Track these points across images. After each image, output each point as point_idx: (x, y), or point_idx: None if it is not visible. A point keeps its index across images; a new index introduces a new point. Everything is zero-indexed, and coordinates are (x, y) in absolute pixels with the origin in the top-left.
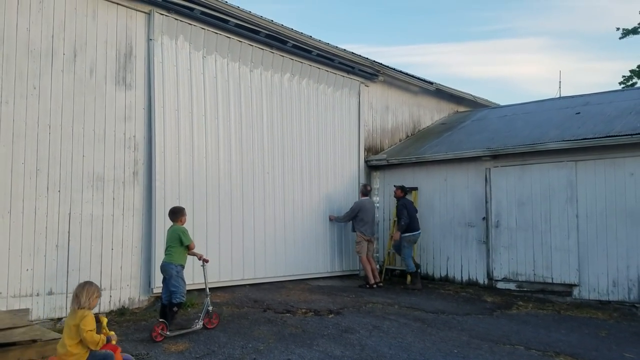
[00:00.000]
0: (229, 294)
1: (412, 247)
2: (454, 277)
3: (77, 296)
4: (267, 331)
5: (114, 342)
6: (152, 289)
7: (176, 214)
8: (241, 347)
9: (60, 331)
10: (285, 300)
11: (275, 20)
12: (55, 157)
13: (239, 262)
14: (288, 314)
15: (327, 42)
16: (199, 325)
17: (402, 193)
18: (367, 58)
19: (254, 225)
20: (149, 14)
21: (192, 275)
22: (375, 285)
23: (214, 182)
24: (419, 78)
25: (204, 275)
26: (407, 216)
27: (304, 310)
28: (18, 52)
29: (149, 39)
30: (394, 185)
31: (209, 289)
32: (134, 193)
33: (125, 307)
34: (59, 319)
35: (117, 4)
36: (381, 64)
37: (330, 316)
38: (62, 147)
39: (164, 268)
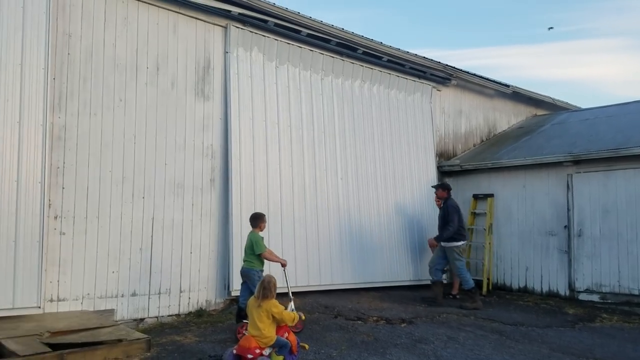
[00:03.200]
0: (299, 299)
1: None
2: (533, 288)
3: (264, 289)
4: (339, 337)
5: (303, 317)
6: (230, 291)
7: (256, 219)
8: (314, 352)
9: (143, 331)
10: (355, 307)
11: (345, 29)
12: (140, 166)
13: (309, 268)
14: (359, 321)
15: (398, 47)
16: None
17: (446, 193)
18: (438, 62)
19: (328, 231)
20: (225, 27)
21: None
22: (458, 296)
23: (288, 188)
24: (493, 81)
25: (286, 280)
26: (457, 221)
27: (375, 318)
28: (105, 67)
29: (225, 52)
30: (432, 186)
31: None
32: (211, 199)
33: (203, 308)
34: (142, 320)
35: (197, 19)
36: (454, 67)
37: (402, 325)
38: (146, 156)
39: (245, 273)
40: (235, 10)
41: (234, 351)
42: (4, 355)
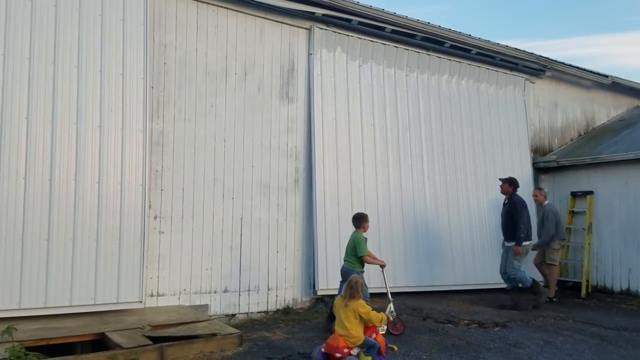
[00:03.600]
0: (385, 300)
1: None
2: (637, 290)
3: (351, 289)
4: (429, 340)
5: (391, 318)
6: (315, 290)
7: (359, 220)
8: (403, 355)
9: (235, 326)
10: (445, 310)
11: (431, 23)
12: (229, 168)
13: (396, 269)
14: (450, 324)
15: (487, 39)
16: (383, 330)
17: (512, 188)
18: (531, 53)
19: (415, 231)
20: (309, 29)
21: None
22: (554, 299)
23: (372, 188)
24: (591, 71)
25: (385, 281)
26: (526, 218)
27: (466, 321)
28: (198, 74)
29: (309, 54)
30: (500, 179)
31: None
32: (295, 199)
33: (290, 306)
34: (233, 315)
35: (282, 23)
36: (548, 58)
37: (496, 329)
38: (234, 158)
39: (345, 273)
40: (319, 11)
41: (322, 349)
42: (109, 347)
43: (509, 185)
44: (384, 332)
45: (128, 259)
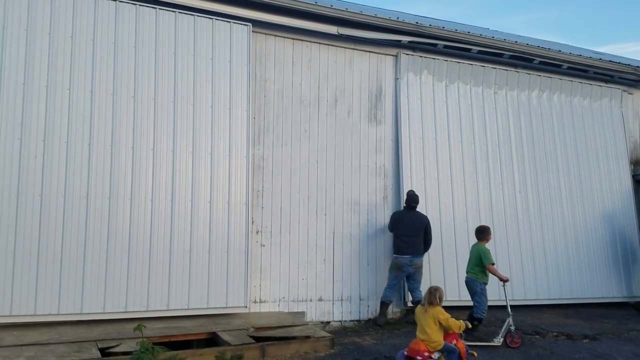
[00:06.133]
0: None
1: None
2: None
3: (431, 295)
4: (512, 350)
5: (470, 326)
6: (406, 302)
7: (482, 233)
8: None
9: (330, 332)
10: (536, 322)
11: (519, 41)
12: (322, 186)
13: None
14: (537, 336)
15: (579, 53)
16: (498, 341)
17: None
18: (627, 64)
19: (506, 246)
20: (396, 56)
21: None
22: None
23: (460, 203)
24: None
25: (505, 295)
26: None
27: (555, 333)
28: (293, 104)
29: (396, 78)
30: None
31: (511, 306)
32: (384, 215)
33: (389, 317)
34: (327, 322)
35: (370, 52)
36: None
37: (584, 341)
38: (326, 178)
39: (468, 284)
40: (405, 39)
41: (405, 352)
42: (220, 344)
43: None
44: (499, 343)
45: (235, 269)
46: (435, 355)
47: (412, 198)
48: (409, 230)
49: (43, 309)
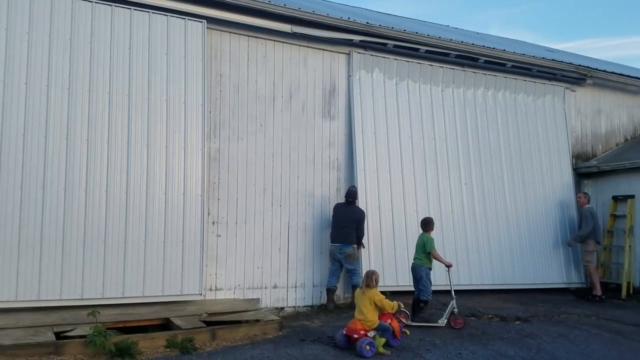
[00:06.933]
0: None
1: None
2: None
3: (368, 278)
4: (447, 330)
5: (402, 306)
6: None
7: (427, 224)
8: (419, 340)
9: (283, 317)
10: (474, 306)
11: (464, 41)
12: (277, 179)
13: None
14: (472, 317)
15: (522, 52)
16: (442, 322)
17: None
18: (569, 63)
19: (453, 236)
20: (348, 54)
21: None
22: (604, 297)
23: (411, 195)
24: (637, 77)
25: (450, 279)
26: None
27: (490, 316)
28: (249, 99)
29: (348, 76)
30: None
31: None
32: None
33: (339, 302)
34: (282, 308)
35: (323, 50)
36: (588, 67)
37: (516, 322)
38: (282, 171)
39: (414, 269)
40: (357, 38)
41: (344, 332)
42: (173, 329)
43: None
44: (443, 324)
45: (190, 258)
46: (371, 334)
47: (349, 193)
48: (342, 221)
49: (1, 295)
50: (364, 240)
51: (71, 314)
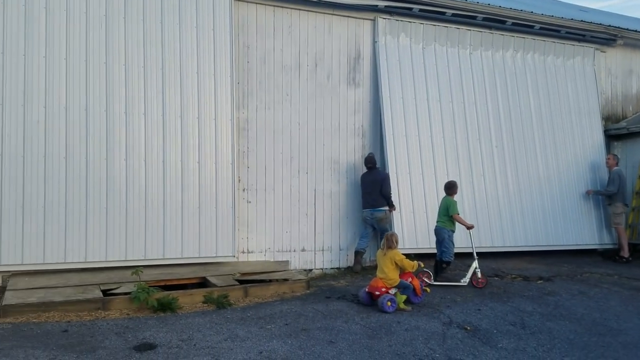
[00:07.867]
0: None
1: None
2: None
3: (388, 240)
4: (470, 290)
5: (423, 266)
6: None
7: (451, 188)
8: (440, 297)
9: (312, 278)
10: (499, 267)
11: (491, 4)
12: (303, 147)
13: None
14: (496, 278)
15: (550, 14)
16: (465, 281)
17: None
18: (599, 24)
19: (485, 197)
20: (373, 20)
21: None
22: (630, 259)
23: (441, 158)
24: None
25: (471, 241)
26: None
27: (513, 276)
28: (275, 69)
29: (374, 42)
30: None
31: (476, 253)
32: (362, 173)
33: (365, 265)
34: (310, 270)
35: (348, 17)
36: (618, 27)
37: (538, 282)
38: (308, 139)
39: (437, 231)
40: (382, 3)
41: (366, 289)
42: (209, 287)
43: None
44: (465, 284)
45: (223, 223)
46: (392, 291)
47: (367, 159)
48: (367, 187)
49: (51, 258)
50: (395, 202)
51: (117, 274)
